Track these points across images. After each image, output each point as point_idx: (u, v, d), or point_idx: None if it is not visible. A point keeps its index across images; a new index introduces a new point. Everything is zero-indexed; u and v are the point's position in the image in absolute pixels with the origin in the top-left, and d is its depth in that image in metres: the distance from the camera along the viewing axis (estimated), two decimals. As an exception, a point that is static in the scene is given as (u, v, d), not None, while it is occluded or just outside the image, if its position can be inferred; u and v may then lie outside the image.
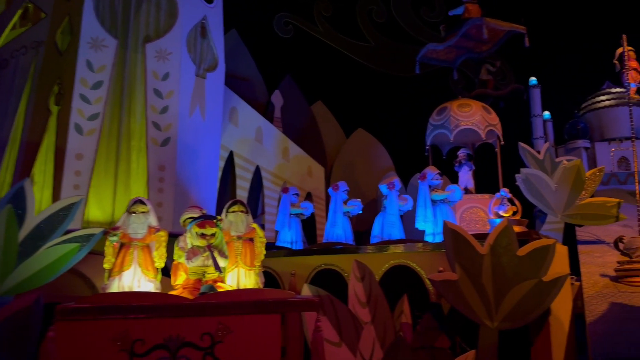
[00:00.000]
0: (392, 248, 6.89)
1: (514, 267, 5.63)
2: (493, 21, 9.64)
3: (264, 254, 5.43)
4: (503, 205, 7.28)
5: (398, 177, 7.72)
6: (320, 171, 11.16)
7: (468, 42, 10.28)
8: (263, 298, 4.30)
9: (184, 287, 4.72)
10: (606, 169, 14.23)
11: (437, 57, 10.93)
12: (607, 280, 6.92)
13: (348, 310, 5.21)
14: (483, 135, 9.63)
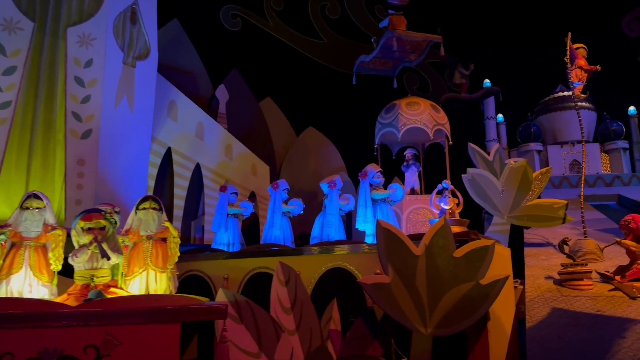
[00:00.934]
0: (330, 250, 6.51)
1: (450, 269, 5.29)
2: (405, 33, 9.73)
3: (177, 256, 4.91)
4: (444, 197, 6.97)
5: (340, 176, 7.31)
6: (265, 170, 10.70)
7: (395, 52, 10.24)
8: (160, 305, 3.80)
9: (70, 293, 4.17)
10: (558, 172, 14.33)
11: (375, 68, 10.80)
12: (550, 283, 6.68)
13: (269, 318, 4.74)
14: (431, 134, 9.37)
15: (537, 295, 6.28)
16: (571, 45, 7.98)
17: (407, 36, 9.67)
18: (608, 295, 6.10)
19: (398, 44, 9.71)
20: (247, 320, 4.59)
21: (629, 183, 13.50)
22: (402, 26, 9.92)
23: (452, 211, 6.84)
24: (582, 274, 6.44)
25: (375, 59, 10.46)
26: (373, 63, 10.65)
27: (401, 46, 9.91)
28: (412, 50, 10.14)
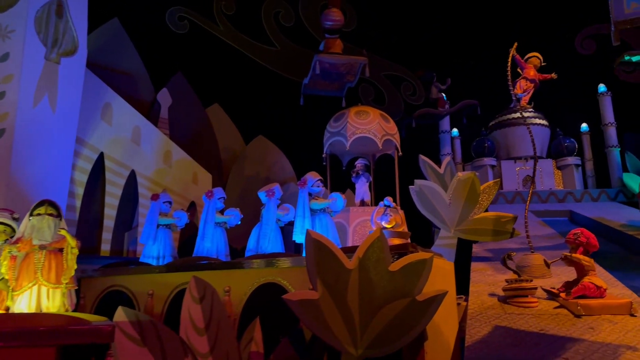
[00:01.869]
0: (263, 263, 6.04)
1: (384, 284, 4.88)
2: (329, 56, 9.93)
3: (74, 269, 4.34)
4: (386, 215, 6.60)
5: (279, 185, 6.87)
6: (207, 178, 10.17)
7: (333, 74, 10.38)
8: (32, 326, 3.26)
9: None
10: (511, 188, 14.30)
11: (322, 89, 10.76)
12: (495, 300, 6.38)
13: (178, 339, 4.23)
14: (380, 144, 9.06)
15: (479, 312, 5.96)
16: (517, 56, 7.80)
17: (331, 59, 9.84)
18: (553, 313, 5.82)
19: (330, 66, 9.87)
20: (151, 343, 4.07)
21: (581, 199, 13.58)
22: (337, 49, 10.05)
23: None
24: (527, 290, 6.15)
25: (320, 81, 10.52)
26: (320, 84, 10.71)
27: (335, 68, 10.04)
28: (346, 71, 10.21)
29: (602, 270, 7.46)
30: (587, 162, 14.38)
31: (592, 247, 6.11)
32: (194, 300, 4.42)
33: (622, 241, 9.87)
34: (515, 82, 7.98)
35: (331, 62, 9.80)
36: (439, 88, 14.90)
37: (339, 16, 10.32)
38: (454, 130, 15.13)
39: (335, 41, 10.20)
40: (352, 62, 9.90)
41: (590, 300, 5.77)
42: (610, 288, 6.63)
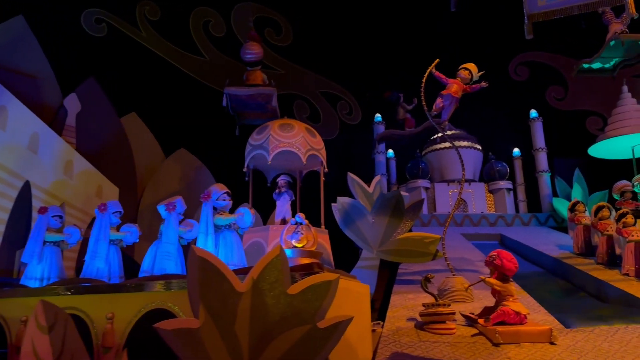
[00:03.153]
0: (151, 286, 5.32)
1: (281, 309, 4.29)
2: (236, 88, 10.14)
3: None
4: (296, 233, 6.04)
5: (182, 198, 6.20)
6: (114, 192, 9.32)
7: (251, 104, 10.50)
8: None
9: None
10: (444, 210, 14.15)
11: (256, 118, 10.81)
12: (411, 326, 5.92)
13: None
14: (304, 159, 8.54)
15: (392, 340, 5.46)
16: (437, 73, 7.54)
17: (238, 91, 9.98)
18: (470, 341, 5.41)
19: (247, 97, 10.00)
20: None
21: (512, 223, 13.57)
22: (257, 80, 10.18)
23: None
24: (444, 315, 5.73)
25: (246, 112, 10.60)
26: (249, 115, 10.74)
27: (251, 99, 10.15)
28: (264, 101, 10.29)
29: (524, 295, 7.19)
30: (518, 187, 14.50)
31: (508, 271, 5.77)
32: (40, 329, 3.67)
33: (548, 265, 9.76)
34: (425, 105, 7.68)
35: (238, 93, 9.92)
36: (405, 109, 14.71)
37: (258, 49, 10.45)
38: (389, 151, 14.92)
39: (256, 73, 10.32)
40: (261, 92, 9.91)
41: (509, 327, 5.39)
42: (532, 314, 6.32)
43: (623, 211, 8.50)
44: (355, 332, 5.46)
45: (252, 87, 10.01)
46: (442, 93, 7.54)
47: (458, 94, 7.48)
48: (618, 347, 5.22)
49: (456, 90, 7.46)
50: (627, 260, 8.02)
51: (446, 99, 7.48)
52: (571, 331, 5.71)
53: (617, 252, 8.58)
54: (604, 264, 8.65)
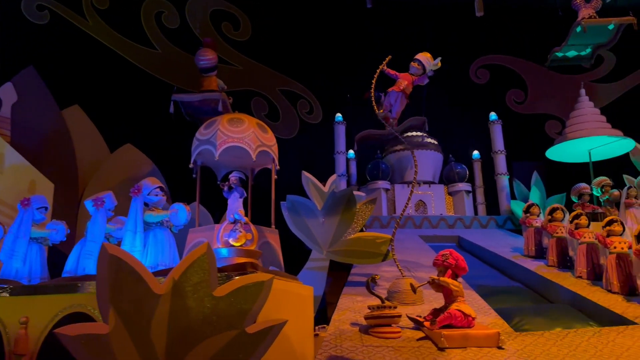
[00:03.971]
0: (72, 288, 4.87)
1: (205, 313, 3.90)
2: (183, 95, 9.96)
3: None
4: (234, 231, 5.67)
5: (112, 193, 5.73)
6: (48, 188, 8.72)
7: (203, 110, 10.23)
8: None
9: None
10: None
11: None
12: (356, 330, 5.61)
13: None
14: (253, 155, 8.13)
15: (333, 345, 5.14)
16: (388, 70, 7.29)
17: (186, 97, 9.78)
18: (415, 346, 5.13)
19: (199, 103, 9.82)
20: None
21: (470, 226, 13.48)
22: (212, 86, 9.99)
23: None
24: (390, 318, 5.44)
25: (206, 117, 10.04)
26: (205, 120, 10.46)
27: (206, 104, 9.94)
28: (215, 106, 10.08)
29: (475, 296, 6.99)
30: (477, 189, 14.42)
31: (461, 270, 5.53)
32: None
33: (502, 267, 9.64)
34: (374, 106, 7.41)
35: (185, 100, 9.71)
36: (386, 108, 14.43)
37: (211, 55, 10.20)
38: (350, 151, 14.65)
39: (210, 78, 10.11)
40: (207, 97, 9.65)
41: (455, 331, 5.14)
42: (481, 316, 6.12)
43: (576, 212, 8.43)
44: (296, 336, 5.12)
45: (199, 93, 9.79)
46: (388, 90, 7.29)
47: (407, 89, 7.23)
48: (567, 351, 5.04)
49: (406, 86, 7.21)
50: (580, 263, 7.94)
51: (391, 96, 7.23)
52: (520, 335, 5.52)
53: (570, 254, 8.51)
54: (554, 266, 8.56)
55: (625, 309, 6.43)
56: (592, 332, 5.59)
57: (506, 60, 16.60)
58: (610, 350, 5.04)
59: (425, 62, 7.21)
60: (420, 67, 7.21)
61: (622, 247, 7.15)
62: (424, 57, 7.26)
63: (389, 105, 7.38)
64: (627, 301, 6.74)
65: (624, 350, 5.03)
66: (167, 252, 5.54)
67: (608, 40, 10.46)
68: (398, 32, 15.04)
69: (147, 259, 5.38)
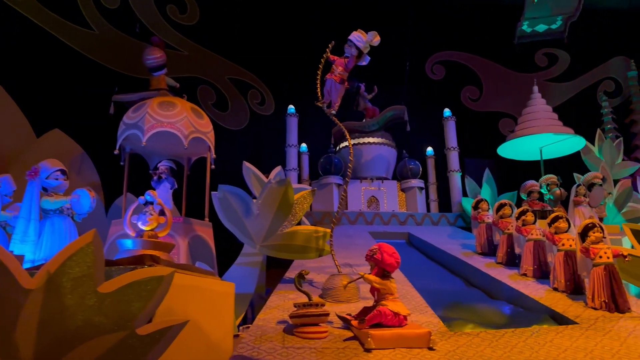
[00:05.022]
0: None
1: (87, 311, 3.37)
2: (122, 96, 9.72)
3: None
4: (144, 214, 5.09)
5: (10, 176, 5.08)
6: (-45, 173, 7.95)
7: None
8: None
9: None
10: (355, 208, 13.61)
11: None
12: (280, 329, 5.15)
13: None
14: (186, 142, 7.62)
15: (252, 347, 4.65)
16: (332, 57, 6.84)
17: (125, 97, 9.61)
18: (340, 347, 4.70)
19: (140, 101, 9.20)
20: None
21: (422, 222, 13.23)
22: (161, 84, 9.74)
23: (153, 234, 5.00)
24: (317, 317, 5.00)
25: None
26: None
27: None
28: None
29: (415, 294, 6.64)
30: (430, 186, 14.21)
31: (388, 266, 5.11)
32: None
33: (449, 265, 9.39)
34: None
35: (124, 100, 9.41)
36: (365, 99, 14.00)
37: (159, 53, 9.88)
38: (302, 145, 14.18)
39: (159, 78, 9.86)
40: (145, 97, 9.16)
41: (384, 330, 4.73)
42: (417, 315, 5.75)
43: (523, 209, 8.21)
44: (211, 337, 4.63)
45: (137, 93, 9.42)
46: (326, 77, 6.85)
47: (342, 75, 6.79)
48: (501, 353, 4.70)
49: (340, 71, 6.77)
50: (526, 260, 7.71)
51: (326, 84, 6.80)
52: (455, 335, 5.17)
53: (517, 251, 8.29)
54: (503, 263, 8.34)
55: (567, 308, 6.20)
56: (530, 332, 5.29)
57: (462, 57, 16.48)
58: (547, 352, 4.74)
59: (355, 40, 6.71)
60: (353, 47, 6.73)
61: (570, 244, 6.93)
62: (354, 36, 6.76)
63: (327, 94, 6.92)
64: (571, 300, 6.53)
65: (561, 352, 4.74)
66: (67, 243, 4.95)
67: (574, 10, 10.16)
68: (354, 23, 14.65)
69: (41, 251, 4.77)
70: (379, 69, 14.18)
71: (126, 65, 11.13)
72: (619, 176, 12.55)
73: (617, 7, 16.26)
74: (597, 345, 4.95)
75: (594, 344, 4.98)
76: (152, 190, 5.71)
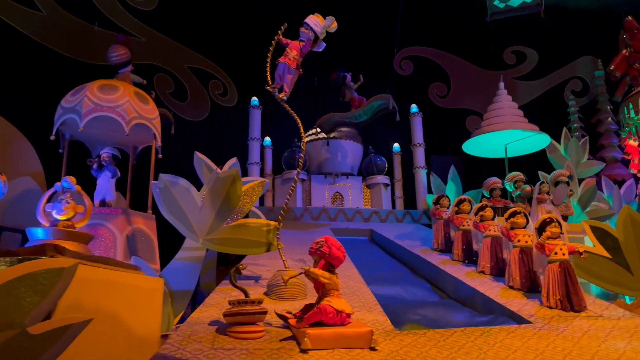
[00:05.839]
0: None
1: (-35, 307, 2.92)
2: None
3: None
4: (60, 202, 4.62)
5: None
6: None
7: None
8: None
9: None
10: (319, 204, 13.26)
11: None
12: (213, 329, 4.75)
13: None
14: (127, 128, 7.13)
15: (175, 348, 4.24)
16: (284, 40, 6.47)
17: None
18: (274, 348, 4.32)
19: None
20: None
21: (386, 219, 12.96)
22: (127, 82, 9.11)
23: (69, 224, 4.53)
24: (252, 315, 4.61)
25: None
26: None
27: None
28: None
29: (366, 290, 6.31)
30: (396, 183, 13.96)
31: (335, 260, 4.76)
32: None
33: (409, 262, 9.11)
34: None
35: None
36: (351, 89, 13.58)
37: (122, 50, 9.48)
38: (266, 138, 13.75)
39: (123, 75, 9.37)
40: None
41: (323, 329, 4.37)
42: (364, 313, 5.41)
43: (482, 204, 7.97)
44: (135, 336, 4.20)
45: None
46: (278, 61, 6.47)
47: (296, 59, 6.42)
48: (447, 353, 4.40)
49: (295, 55, 6.40)
50: (483, 257, 7.47)
51: (279, 68, 6.43)
52: (400, 334, 4.84)
53: (475, 247, 8.05)
54: (459, 260, 8.09)
55: (522, 307, 5.96)
56: (480, 331, 5.01)
57: (430, 53, 16.29)
58: (495, 353, 4.46)
59: (313, 24, 6.37)
60: (310, 32, 6.38)
61: (526, 240, 6.70)
62: (312, 20, 6.42)
63: (279, 78, 6.54)
64: (526, 298, 6.30)
65: (510, 353, 4.46)
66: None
67: None
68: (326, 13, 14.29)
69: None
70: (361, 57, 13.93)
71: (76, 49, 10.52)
72: (584, 175, 12.48)
73: (586, 7, 16.29)
74: (549, 345, 4.69)
75: (546, 344, 4.73)
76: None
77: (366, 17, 14.70)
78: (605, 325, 5.34)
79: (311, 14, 6.32)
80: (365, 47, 15.34)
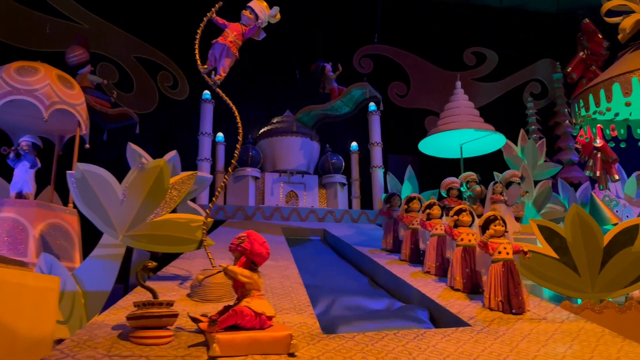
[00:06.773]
0: None
1: None
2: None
3: None
4: None
5: None
6: None
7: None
8: None
9: None
10: (272, 203, 12.80)
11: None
12: (116, 334, 4.23)
13: None
14: (46, 114, 6.54)
15: (64, 355, 3.71)
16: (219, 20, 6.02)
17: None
18: (179, 355, 3.85)
19: None
20: None
21: (341, 219, 12.59)
22: (84, 83, 9.35)
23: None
24: (159, 318, 4.11)
25: None
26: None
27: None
28: None
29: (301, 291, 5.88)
30: (353, 182, 13.60)
31: (257, 257, 4.30)
32: None
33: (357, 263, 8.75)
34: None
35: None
36: (331, 80, 13.07)
37: (79, 50, 9.64)
38: (219, 134, 13.19)
39: (81, 76, 9.53)
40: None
41: (236, 334, 3.91)
42: (292, 315, 4.98)
43: (430, 202, 7.66)
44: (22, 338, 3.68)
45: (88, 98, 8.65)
46: (213, 42, 6.01)
47: (236, 42, 5.98)
48: (373, 359, 4.00)
49: (235, 37, 5.95)
50: (429, 257, 7.14)
51: (216, 48, 5.96)
52: (326, 338, 4.43)
53: (421, 247, 7.72)
54: (406, 260, 7.75)
55: (464, 309, 5.63)
56: (414, 334, 4.64)
57: (391, 52, 16.05)
58: (426, 358, 4.09)
59: (259, 11, 5.97)
60: (253, 17, 5.98)
61: (469, 239, 6.39)
62: (258, 6, 6.02)
63: (213, 60, 6.07)
64: (469, 299, 5.98)
65: (442, 358, 4.10)
66: None
67: None
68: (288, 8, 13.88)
69: None
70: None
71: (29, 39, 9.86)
72: (540, 177, 12.39)
73: (545, 10, 16.34)
74: (485, 350, 4.36)
75: (482, 349, 4.39)
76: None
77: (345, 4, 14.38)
78: (547, 328, 5.05)
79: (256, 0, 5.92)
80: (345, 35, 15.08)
